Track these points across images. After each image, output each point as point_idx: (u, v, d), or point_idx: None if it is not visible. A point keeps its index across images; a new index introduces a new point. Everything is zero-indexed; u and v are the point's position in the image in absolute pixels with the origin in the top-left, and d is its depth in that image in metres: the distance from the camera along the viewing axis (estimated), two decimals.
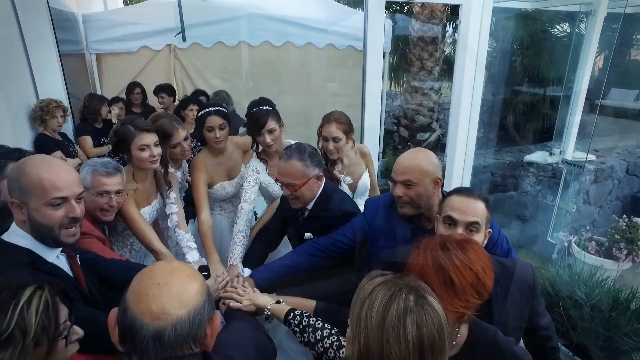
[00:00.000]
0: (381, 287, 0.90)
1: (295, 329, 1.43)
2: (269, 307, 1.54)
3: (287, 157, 1.78)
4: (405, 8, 7.84)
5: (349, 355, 0.92)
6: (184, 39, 4.80)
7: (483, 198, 1.44)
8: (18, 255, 1.16)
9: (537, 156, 4.47)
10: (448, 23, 7.30)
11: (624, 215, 3.91)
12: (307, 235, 1.87)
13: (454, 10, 6.75)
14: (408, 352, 0.83)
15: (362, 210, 1.97)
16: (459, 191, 1.48)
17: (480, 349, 1.19)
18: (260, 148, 2.32)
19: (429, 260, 1.10)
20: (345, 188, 2.44)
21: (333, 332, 1.37)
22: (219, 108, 2.27)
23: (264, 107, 2.19)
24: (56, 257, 1.27)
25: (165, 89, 4.56)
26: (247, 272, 1.90)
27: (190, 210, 2.36)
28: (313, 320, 1.42)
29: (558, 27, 7.72)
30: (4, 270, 1.13)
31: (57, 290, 0.95)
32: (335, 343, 1.33)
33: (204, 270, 1.75)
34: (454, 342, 1.16)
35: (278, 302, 1.57)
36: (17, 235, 1.22)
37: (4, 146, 1.57)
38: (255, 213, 2.76)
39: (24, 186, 1.17)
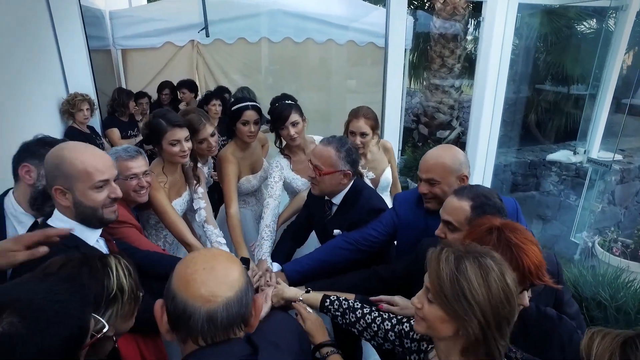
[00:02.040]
0: (463, 262, 0.94)
1: (336, 313, 1.47)
2: (300, 298, 1.55)
3: (326, 142, 1.84)
4: (427, 4, 7.77)
5: (444, 335, 0.98)
6: (208, 35, 4.86)
7: (472, 198, 1.42)
8: (64, 239, 1.22)
9: (561, 155, 4.37)
10: (470, 20, 7.20)
11: None
12: (336, 231, 1.89)
13: (477, 6, 6.66)
14: (514, 304, 0.94)
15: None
16: (455, 190, 1.52)
17: (532, 324, 1.23)
18: (284, 143, 2.36)
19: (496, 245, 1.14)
20: (367, 183, 2.46)
21: (373, 308, 1.43)
22: (255, 103, 2.30)
23: (286, 102, 2.24)
24: (96, 242, 1.34)
25: (186, 85, 4.64)
26: (276, 266, 1.93)
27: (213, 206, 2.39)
28: (351, 302, 1.47)
29: (584, 23, 7.53)
30: (53, 253, 1.17)
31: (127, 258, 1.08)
32: (377, 318, 1.39)
33: (244, 263, 1.75)
34: None
35: (307, 291, 1.60)
36: (60, 221, 1.29)
37: (49, 136, 1.65)
38: None
39: (68, 173, 1.23)
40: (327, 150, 1.81)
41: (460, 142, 7.27)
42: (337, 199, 1.93)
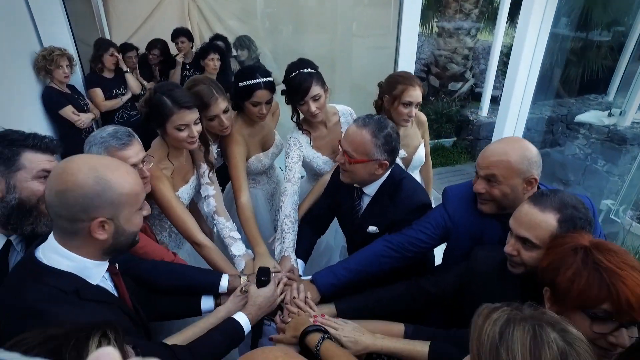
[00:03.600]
0: (512, 327, 0.75)
1: None
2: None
3: (362, 124, 1.49)
4: None
5: None
6: None
7: (558, 209, 1.14)
8: (60, 284, 0.95)
9: (591, 116, 3.96)
10: None
11: None
12: (372, 229, 1.60)
13: None
14: None
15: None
16: (532, 198, 1.21)
17: None
18: (301, 116, 1.99)
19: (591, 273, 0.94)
20: (398, 162, 2.14)
21: None
22: (269, 79, 1.88)
23: (305, 70, 1.83)
24: (102, 278, 1.06)
25: (184, 33, 4.12)
26: (300, 264, 1.69)
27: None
28: None
29: None
30: (44, 302, 0.91)
31: (119, 329, 0.77)
32: None
33: (264, 275, 1.43)
34: None
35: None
36: (60, 256, 0.98)
37: (18, 131, 1.24)
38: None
39: (115, 199, 0.98)
40: (361, 135, 1.47)
41: (474, 94, 6.85)
42: (370, 189, 1.62)
